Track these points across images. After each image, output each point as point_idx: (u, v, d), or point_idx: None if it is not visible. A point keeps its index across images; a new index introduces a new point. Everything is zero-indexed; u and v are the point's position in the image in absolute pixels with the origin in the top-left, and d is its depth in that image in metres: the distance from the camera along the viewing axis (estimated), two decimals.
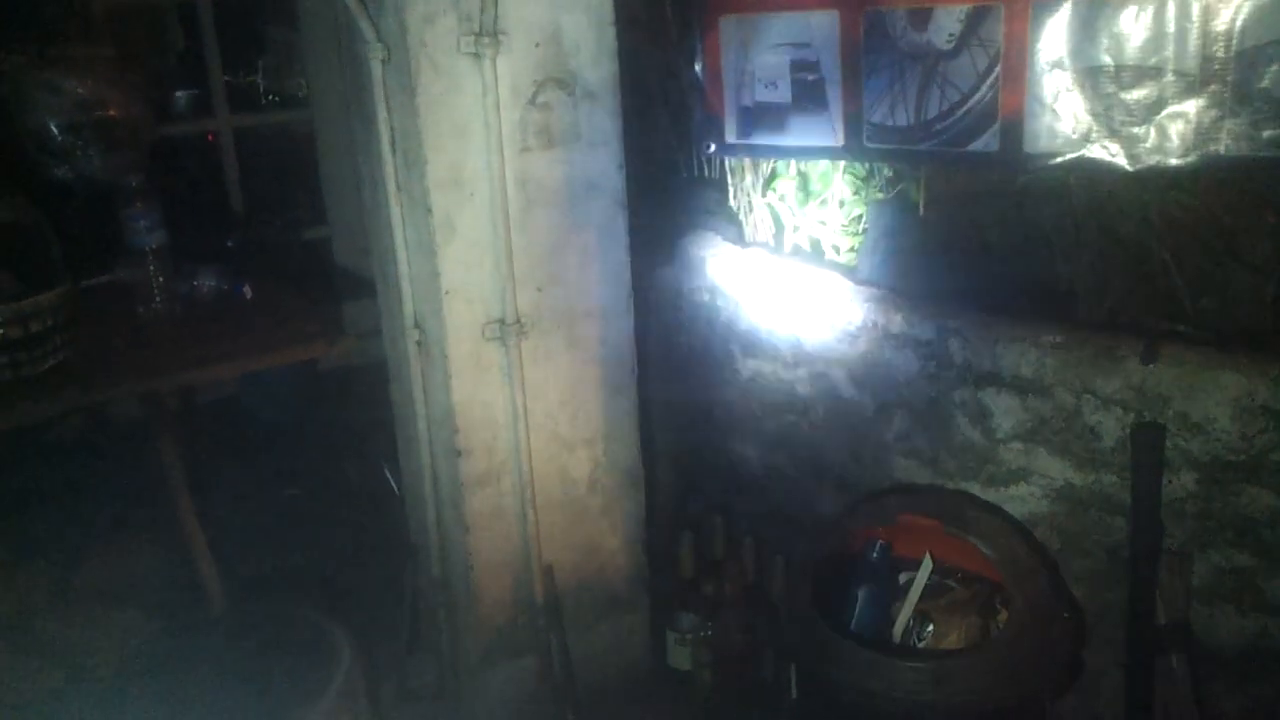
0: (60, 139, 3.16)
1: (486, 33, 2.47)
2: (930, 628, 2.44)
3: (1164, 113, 2.21)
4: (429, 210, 2.55)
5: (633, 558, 3.09)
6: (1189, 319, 2.38)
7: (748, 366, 3.19)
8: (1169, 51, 2.17)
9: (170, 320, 2.88)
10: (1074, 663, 2.39)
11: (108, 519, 3.82)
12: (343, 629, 2.51)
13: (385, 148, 2.63)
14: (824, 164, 3.04)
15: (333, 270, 4.18)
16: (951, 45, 2.48)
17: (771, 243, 3.21)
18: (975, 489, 2.63)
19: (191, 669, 2.43)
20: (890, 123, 2.66)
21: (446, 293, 2.62)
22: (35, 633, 3.28)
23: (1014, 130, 2.42)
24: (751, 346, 3.16)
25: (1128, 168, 2.28)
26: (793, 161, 3.09)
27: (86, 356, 2.60)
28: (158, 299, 2.88)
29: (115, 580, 3.59)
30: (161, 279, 2.87)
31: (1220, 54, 2.11)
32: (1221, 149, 2.16)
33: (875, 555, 2.53)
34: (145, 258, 2.85)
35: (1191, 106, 2.16)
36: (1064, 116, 2.34)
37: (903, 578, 2.54)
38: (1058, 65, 2.32)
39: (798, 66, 2.80)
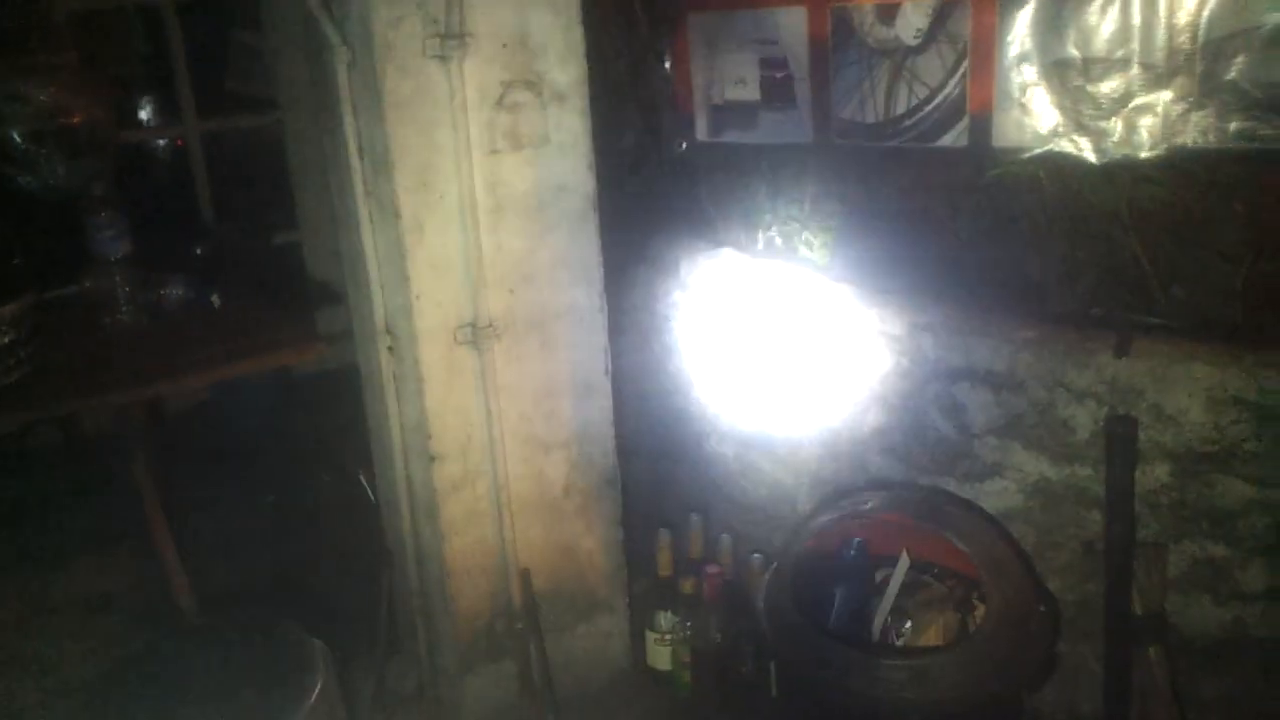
0: (23, 147, 3.11)
1: (452, 35, 2.45)
2: (908, 624, 2.44)
3: (1131, 105, 2.21)
4: (397, 214, 2.53)
5: (610, 558, 3.08)
6: (1160, 310, 2.39)
7: (722, 364, 3.18)
8: (1135, 44, 2.18)
9: (138, 330, 2.84)
10: (1051, 656, 2.39)
11: (85, 530, 3.78)
12: (319, 638, 2.49)
13: (353, 152, 2.61)
14: (794, 161, 3.03)
15: (304, 275, 4.15)
16: (919, 40, 2.49)
17: (744, 240, 3.20)
18: (950, 484, 2.63)
19: (167, 681, 2.41)
20: (859, 119, 2.66)
21: (417, 297, 2.60)
22: (13, 645, 3.25)
23: (983, 125, 2.43)
24: (725, 344, 3.15)
25: (1096, 161, 2.29)
26: (763, 159, 3.08)
27: (52, 368, 2.56)
28: (125, 309, 2.84)
29: (94, 591, 3.55)
30: (128, 288, 2.83)
31: (1187, 46, 2.11)
32: (1189, 141, 2.17)
33: (852, 553, 2.53)
34: (111, 267, 2.81)
35: (1159, 99, 2.17)
36: (1032, 111, 2.35)
37: (880, 575, 2.54)
38: (1025, 59, 2.33)
39: (766, 64, 2.80)
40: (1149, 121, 2.19)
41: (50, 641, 3.29)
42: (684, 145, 3.10)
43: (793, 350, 2.93)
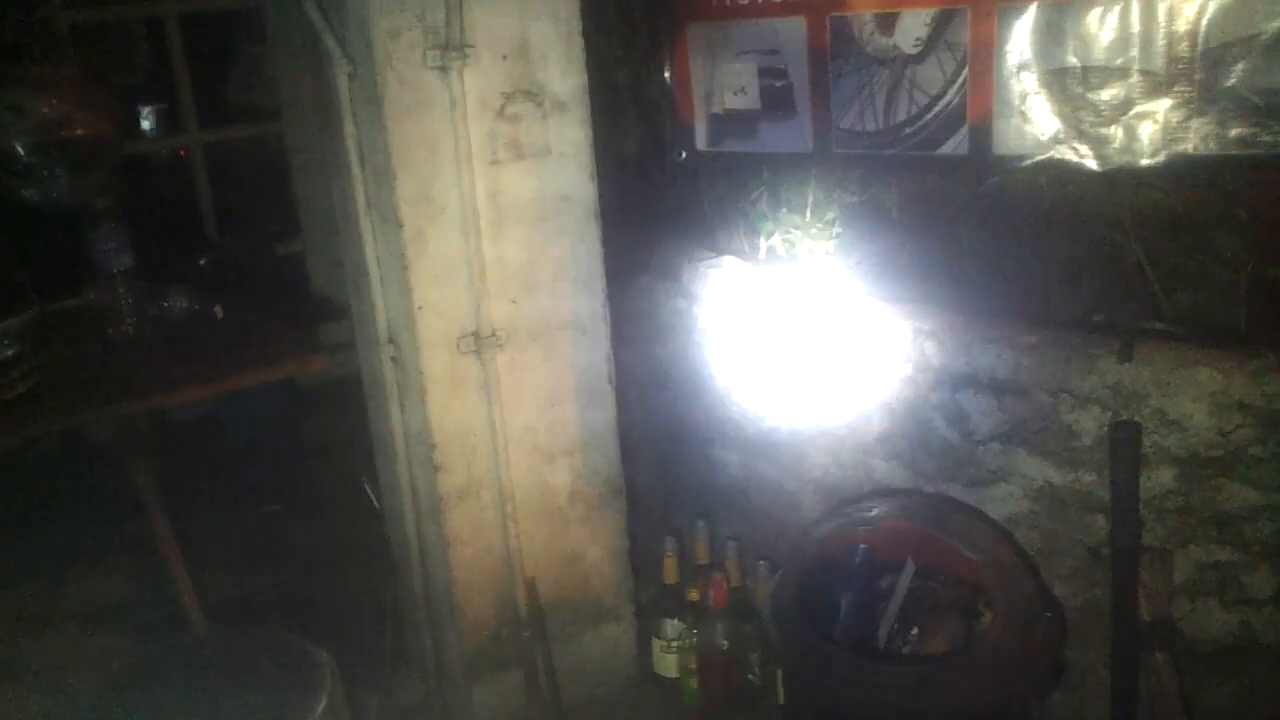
0: (26, 160, 3.12)
1: (453, 46, 2.46)
2: (914, 631, 2.44)
3: (1132, 113, 2.21)
4: (399, 225, 2.54)
5: (616, 567, 3.08)
6: (1163, 316, 2.39)
7: (726, 372, 3.18)
8: (1135, 52, 2.17)
9: (141, 342, 2.85)
10: (1058, 662, 2.39)
11: (87, 541, 3.79)
12: (325, 649, 2.49)
13: (354, 163, 2.62)
14: (795, 169, 3.03)
15: (307, 286, 4.15)
16: (919, 49, 2.49)
17: (746, 249, 3.21)
18: (955, 491, 2.62)
19: (173, 694, 2.41)
20: (859, 128, 2.66)
21: (420, 308, 2.60)
22: (16, 658, 3.25)
23: (983, 133, 2.43)
24: (729, 352, 3.15)
25: (1096, 168, 2.29)
26: (764, 167, 3.08)
27: (56, 382, 2.57)
28: (128, 321, 2.85)
29: (96, 603, 3.56)
30: (131, 301, 2.84)
31: (1186, 53, 2.11)
32: (1190, 148, 2.16)
33: (858, 560, 2.52)
34: (114, 280, 2.82)
35: (1159, 106, 2.17)
36: (1032, 118, 2.34)
37: (885, 582, 2.54)
38: (1025, 67, 2.33)
39: (766, 73, 2.81)
40: (1149, 128, 2.19)
41: (53, 654, 3.30)
42: (684, 154, 3.11)
43: (796, 357, 2.93)
